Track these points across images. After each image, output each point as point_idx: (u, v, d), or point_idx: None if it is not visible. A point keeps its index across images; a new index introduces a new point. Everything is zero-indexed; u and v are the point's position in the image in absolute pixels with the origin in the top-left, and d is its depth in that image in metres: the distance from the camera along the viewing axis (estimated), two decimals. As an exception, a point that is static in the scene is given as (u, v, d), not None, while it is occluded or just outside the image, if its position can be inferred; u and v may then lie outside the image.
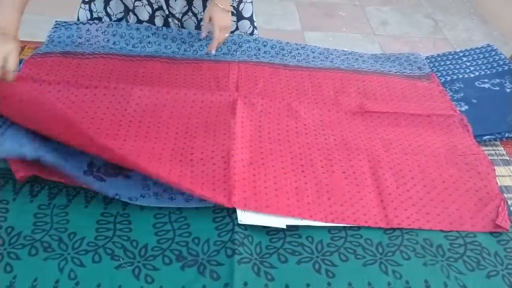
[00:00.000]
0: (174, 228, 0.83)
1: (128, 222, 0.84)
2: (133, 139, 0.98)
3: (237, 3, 1.29)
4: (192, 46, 1.28)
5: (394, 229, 0.87)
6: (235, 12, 1.30)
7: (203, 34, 1.20)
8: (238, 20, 1.33)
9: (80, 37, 1.25)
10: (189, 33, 1.28)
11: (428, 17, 2.92)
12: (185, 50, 1.27)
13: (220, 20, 1.15)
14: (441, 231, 0.87)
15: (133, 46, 1.26)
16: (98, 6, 1.28)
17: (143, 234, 0.82)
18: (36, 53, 1.18)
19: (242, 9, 1.32)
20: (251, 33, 1.36)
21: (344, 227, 0.86)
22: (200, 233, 0.82)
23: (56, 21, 1.29)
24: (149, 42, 1.26)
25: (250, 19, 1.35)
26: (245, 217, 0.83)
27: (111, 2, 1.27)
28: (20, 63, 1.15)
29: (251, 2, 1.34)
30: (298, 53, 1.33)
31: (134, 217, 0.85)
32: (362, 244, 0.84)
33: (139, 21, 1.28)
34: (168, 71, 1.19)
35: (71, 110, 1.03)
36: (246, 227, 0.83)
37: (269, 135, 1.03)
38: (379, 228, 0.87)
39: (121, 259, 0.77)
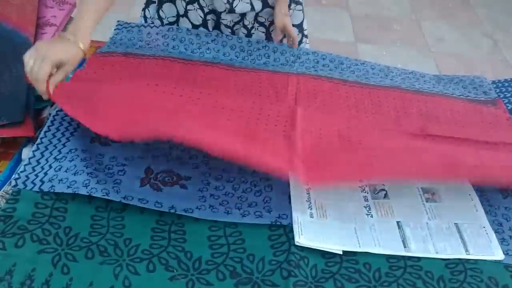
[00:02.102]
0: (228, 243, 0.82)
1: (182, 232, 0.83)
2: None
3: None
4: (250, 55, 1.28)
5: (456, 264, 0.82)
6: None
7: (277, 40, 1.29)
8: None
9: (140, 40, 1.26)
10: (249, 41, 1.28)
11: (487, 36, 2.82)
12: (243, 58, 1.27)
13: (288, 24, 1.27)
14: (507, 269, 0.82)
15: (192, 52, 1.26)
16: (151, 11, 1.31)
17: (197, 246, 0.81)
18: (99, 52, 1.20)
19: (291, 15, 1.31)
20: (300, 41, 1.34)
21: (403, 257, 0.83)
22: (255, 250, 0.81)
23: (118, 21, 1.31)
24: (208, 48, 1.27)
25: (300, 26, 1.33)
26: (302, 239, 0.81)
27: (164, 6, 1.28)
28: (83, 61, 1.17)
29: (301, 10, 1.33)
30: (357, 68, 1.30)
31: (188, 227, 0.84)
32: (422, 276, 0.80)
33: (193, 25, 1.30)
34: (227, 78, 1.18)
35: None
36: (303, 248, 0.81)
37: (328, 143, 1.00)
38: (440, 260, 0.83)
39: (175, 271, 0.77)
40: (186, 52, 1.26)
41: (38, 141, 0.93)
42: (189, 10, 1.27)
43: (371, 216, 0.89)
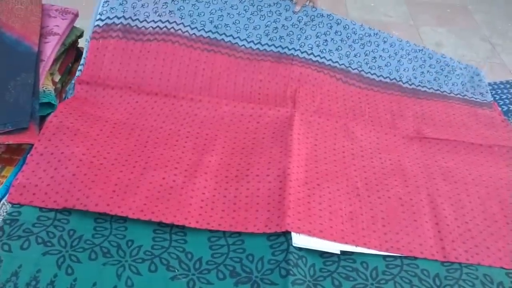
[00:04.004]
0: (228, 243, 0.84)
1: (183, 233, 0.85)
2: (191, 151, 0.99)
3: None
4: (260, 11, 1.24)
5: (452, 262, 0.84)
6: None
7: (297, 10, 1.23)
8: None
9: None
10: None
11: (485, 40, 2.85)
12: (252, 13, 1.24)
13: None
14: (502, 268, 0.84)
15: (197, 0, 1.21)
16: None
17: (198, 247, 0.83)
18: (97, 27, 1.14)
19: None
20: None
21: (400, 256, 0.85)
22: (254, 250, 0.82)
23: None
24: None
25: None
26: (300, 240, 0.83)
27: None
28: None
29: None
30: (369, 41, 1.27)
31: (189, 229, 0.85)
32: (419, 274, 0.81)
33: None
34: (228, 69, 1.19)
35: (132, 117, 1.06)
36: (301, 247, 0.82)
37: (325, 155, 1.02)
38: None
39: (176, 271, 0.78)
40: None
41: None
42: None
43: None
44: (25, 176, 0.89)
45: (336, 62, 1.25)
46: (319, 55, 1.25)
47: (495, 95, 1.29)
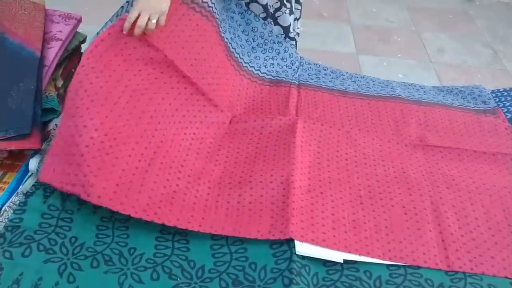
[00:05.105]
0: (231, 252, 0.83)
1: (186, 241, 0.85)
2: (195, 156, 0.99)
3: (273, 9, 1.29)
4: (265, 44, 1.31)
5: (456, 271, 0.83)
6: (270, 15, 1.29)
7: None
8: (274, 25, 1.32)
9: None
10: (271, 32, 1.29)
11: (487, 46, 2.84)
12: (257, 45, 1.30)
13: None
14: (507, 277, 0.83)
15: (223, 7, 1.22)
16: None
17: (200, 255, 0.82)
18: None
19: (279, 16, 1.31)
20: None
21: (403, 265, 0.84)
22: (257, 258, 0.82)
23: None
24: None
25: (286, 29, 1.33)
26: (303, 248, 0.82)
27: None
28: None
29: (292, 15, 1.34)
30: (358, 79, 1.33)
31: (191, 237, 0.85)
32: (422, 284, 0.81)
33: None
34: (233, 80, 1.20)
35: (152, 87, 0.99)
36: (304, 256, 0.82)
37: (328, 163, 1.02)
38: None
39: (178, 279, 0.78)
40: None
41: None
42: None
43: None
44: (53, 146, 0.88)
45: (333, 87, 1.29)
46: (315, 82, 1.29)
47: (498, 103, 1.28)
